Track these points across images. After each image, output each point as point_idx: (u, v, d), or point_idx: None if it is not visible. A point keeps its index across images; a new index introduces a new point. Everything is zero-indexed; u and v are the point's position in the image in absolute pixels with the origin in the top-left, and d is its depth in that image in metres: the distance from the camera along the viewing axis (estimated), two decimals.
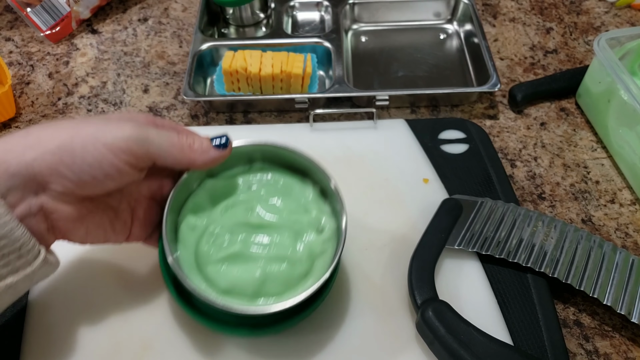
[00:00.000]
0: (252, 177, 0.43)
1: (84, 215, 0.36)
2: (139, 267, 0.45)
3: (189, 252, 0.39)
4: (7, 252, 0.32)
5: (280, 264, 0.38)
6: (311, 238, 0.40)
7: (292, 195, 0.42)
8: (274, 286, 0.37)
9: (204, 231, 0.40)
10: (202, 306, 0.38)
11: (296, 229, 0.40)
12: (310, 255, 0.39)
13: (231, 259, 0.38)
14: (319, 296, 0.39)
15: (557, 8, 0.71)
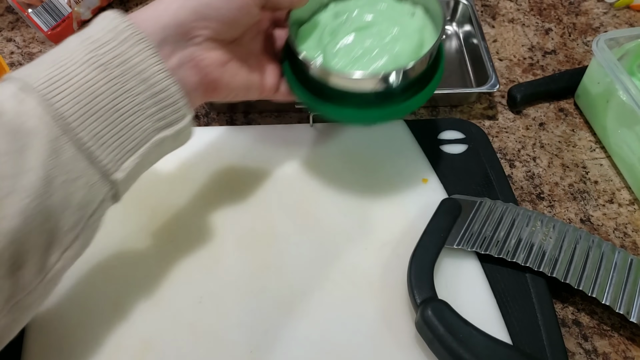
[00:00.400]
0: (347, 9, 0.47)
1: (228, 59, 0.40)
2: (140, 266, 0.45)
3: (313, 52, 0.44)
4: (164, 106, 0.34)
5: (396, 43, 0.43)
6: (413, 19, 0.45)
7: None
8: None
9: (321, 42, 0.45)
10: (330, 92, 0.42)
11: (396, 19, 0.45)
12: (419, 30, 0.44)
13: (349, 51, 0.43)
14: (434, 74, 0.44)
15: (556, 9, 0.71)
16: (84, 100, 0.31)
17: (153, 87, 0.34)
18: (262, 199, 0.49)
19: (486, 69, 0.59)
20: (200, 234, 0.47)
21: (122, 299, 0.43)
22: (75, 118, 0.31)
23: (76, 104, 0.31)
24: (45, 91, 0.30)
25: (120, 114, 0.33)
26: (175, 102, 0.35)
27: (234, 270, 0.45)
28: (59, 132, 0.30)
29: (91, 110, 0.31)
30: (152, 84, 0.34)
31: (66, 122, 0.30)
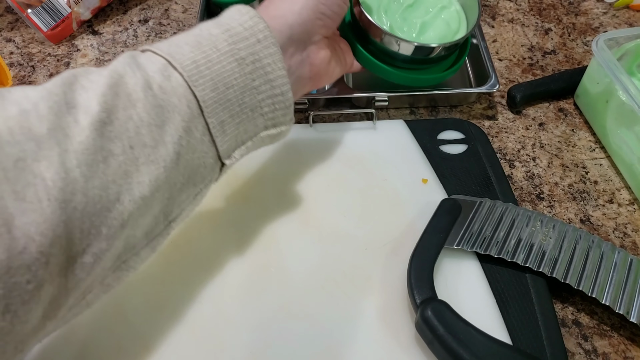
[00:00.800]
0: None
1: (331, 55, 0.44)
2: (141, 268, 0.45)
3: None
4: (277, 108, 0.38)
5: (440, 25, 0.53)
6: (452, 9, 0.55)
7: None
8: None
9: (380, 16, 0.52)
10: (388, 54, 0.51)
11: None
12: (458, 18, 0.54)
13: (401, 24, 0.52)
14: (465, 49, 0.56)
15: (556, 9, 0.71)
16: (219, 89, 0.34)
17: (274, 89, 0.37)
18: (262, 200, 0.49)
19: (486, 69, 0.59)
20: (200, 236, 0.47)
21: (123, 300, 0.43)
22: (209, 104, 0.33)
23: (213, 90, 0.33)
24: (189, 73, 0.33)
25: (242, 108, 0.35)
26: (288, 107, 0.38)
27: (234, 271, 0.45)
28: (195, 114, 0.33)
29: (222, 99, 0.34)
30: (274, 86, 0.37)
31: (201, 106, 0.33)
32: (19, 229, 0.25)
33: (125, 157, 0.29)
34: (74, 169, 0.27)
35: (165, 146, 0.31)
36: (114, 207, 0.29)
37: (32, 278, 0.26)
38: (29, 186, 0.26)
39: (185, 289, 0.44)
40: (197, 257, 0.46)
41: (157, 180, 0.31)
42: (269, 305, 0.43)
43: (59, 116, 0.28)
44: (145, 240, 0.33)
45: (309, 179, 0.51)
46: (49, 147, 0.27)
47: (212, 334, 0.42)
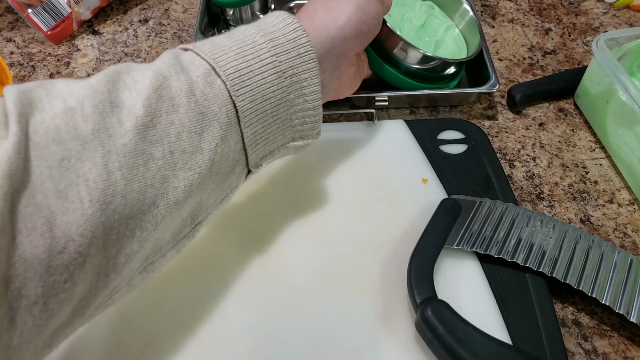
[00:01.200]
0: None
1: (357, 70, 0.46)
2: None
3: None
4: (307, 122, 0.38)
5: (451, 43, 0.59)
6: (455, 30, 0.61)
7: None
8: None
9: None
10: (402, 64, 0.55)
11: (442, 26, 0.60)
12: (461, 38, 0.60)
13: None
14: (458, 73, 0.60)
15: (556, 9, 0.71)
16: (257, 100, 0.34)
17: (306, 103, 0.37)
18: (262, 199, 0.49)
19: (486, 68, 0.59)
20: (200, 234, 0.47)
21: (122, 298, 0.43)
22: (247, 114, 0.34)
23: (251, 101, 0.34)
24: (232, 82, 0.33)
25: (274, 120, 0.36)
26: (317, 122, 0.39)
27: (234, 270, 0.45)
28: (233, 123, 0.33)
29: (258, 110, 0.34)
30: (307, 100, 0.37)
31: (239, 116, 0.33)
32: (60, 228, 0.25)
33: (164, 161, 0.30)
34: (115, 171, 0.28)
35: (202, 153, 0.32)
36: (150, 210, 0.30)
37: (69, 277, 0.26)
38: (72, 186, 0.26)
39: (186, 288, 0.44)
40: (198, 256, 0.46)
41: (191, 186, 0.31)
42: (269, 305, 0.43)
43: (103, 116, 0.28)
44: (172, 242, 0.34)
45: (309, 179, 0.51)
46: (93, 147, 0.27)
47: (212, 333, 0.42)
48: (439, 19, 0.61)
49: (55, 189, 0.26)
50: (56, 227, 0.25)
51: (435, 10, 0.62)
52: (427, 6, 0.62)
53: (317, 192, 0.50)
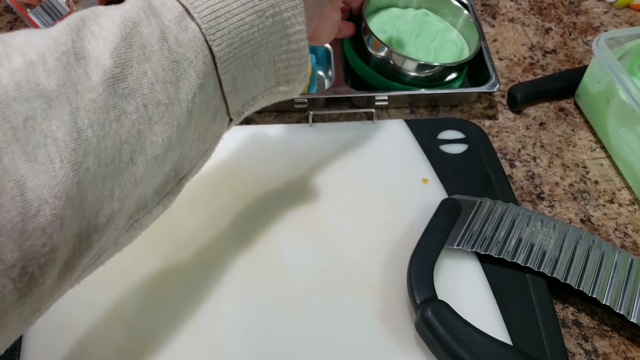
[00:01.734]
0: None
1: (338, 20, 0.44)
2: (138, 267, 0.45)
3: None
4: (292, 65, 0.36)
5: (450, 47, 0.60)
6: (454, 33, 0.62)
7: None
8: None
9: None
10: (388, 68, 0.57)
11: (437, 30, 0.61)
12: (460, 39, 0.61)
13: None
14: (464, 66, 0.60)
15: (556, 8, 0.71)
16: (235, 44, 0.32)
17: (290, 44, 0.35)
18: (261, 199, 0.49)
19: (486, 68, 0.59)
20: (198, 235, 0.47)
21: (121, 300, 0.43)
22: (224, 60, 0.32)
23: (228, 45, 0.31)
24: (207, 25, 0.31)
25: (255, 64, 0.34)
26: (303, 64, 0.36)
27: (233, 270, 0.45)
28: (209, 70, 0.31)
29: (237, 54, 0.32)
30: (291, 41, 0.34)
31: (217, 62, 0.31)
32: (32, 191, 0.24)
33: (138, 115, 0.28)
34: (86, 129, 0.26)
35: (180, 105, 0.30)
36: (127, 168, 0.28)
37: (47, 241, 0.25)
38: (40, 147, 0.25)
39: (184, 289, 0.44)
40: (196, 257, 0.45)
41: (170, 140, 0.30)
42: (268, 305, 0.43)
43: (68, 70, 0.27)
44: (157, 198, 0.32)
45: (309, 179, 0.51)
46: (60, 104, 0.26)
47: (210, 334, 0.41)
48: (435, 25, 0.61)
49: (23, 151, 0.24)
50: (27, 190, 0.24)
51: (429, 16, 0.63)
52: (421, 14, 0.62)
53: (317, 192, 0.50)
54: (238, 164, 0.52)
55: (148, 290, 0.44)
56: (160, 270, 0.45)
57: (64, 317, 0.42)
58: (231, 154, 0.52)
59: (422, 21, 0.61)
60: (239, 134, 0.54)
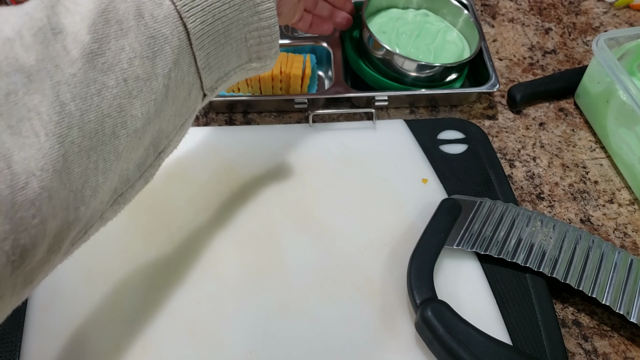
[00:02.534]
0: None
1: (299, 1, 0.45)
2: (138, 267, 0.45)
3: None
4: (263, 41, 0.37)
5: (450, 47, 0.60)
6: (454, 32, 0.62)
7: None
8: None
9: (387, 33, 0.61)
10: (388, 69, 0.58)
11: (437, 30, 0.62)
12: (460, 39, 0.61)
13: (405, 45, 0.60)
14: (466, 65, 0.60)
15: (556, 8, 0.71)
16: (208, 20, 0.33)
17: (261, 21, 0.36)
18: (262, 199, 0.49)
19: (486, 68, 0.59)
20: (198, 235, 0.47)
21: (121, 300, 0.43)
22: (198, 36, 0.32)
23: (202, 22, 0.32)
24: (181, 2, 0.31)
25: (227, 40, 0.34)
26: (274, 40, 0.37)
27: (233, 271, 0.45)
28: (184, 46, 0.32)
29: (210, 30, 0.33)
30: (262, 18, 0.35)
31: (190, 37, 0.32)
32: (18, 164, 0.25)
33: (119, 89, 0.29)
34: (68, 102, 0.27)
35: (157, 79, 0.31)
36: (110, 141, 0.29)
37: (36, 213, 0.26)
38: (24, 120, 0.25)
39: (184, 289, 0.44)
40: (196, 257, 0.45)
41: (149, 114, 0.31)
42: (267, 306, 0.43)
43: (46, 45, 0.27)
44: (139, 172, 0.33)
45: (309, 179, 0.51)
46: (40, 79, 0.26)
47: (210, 334, 0.41)
48: (435, 25, 0.62)
49: (7, 125, 0.25)
50: (14, 163, 0.25)
51: (430, 17, 0.63)
52: (421, 15, 0.62)
53: (317, 192, 0.50)
54: (238, 164, 0.52)
55: (148, 290, 0.44)
56: (160, 270, 0.45)
57: (63, 317, 0.42)
58: (231, 154, 0.52)
59: (422, 21, 0.62)
60: (239, 134, 0.54)
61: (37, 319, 0.42)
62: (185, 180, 0.50)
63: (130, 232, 0.47)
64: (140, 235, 0.47)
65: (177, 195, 0.49)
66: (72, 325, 0.42)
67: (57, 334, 0.41)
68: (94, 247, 0.45)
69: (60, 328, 0.41)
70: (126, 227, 0.47)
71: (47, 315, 0.42)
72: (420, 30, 0.60)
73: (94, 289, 0.44)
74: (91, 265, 0.45)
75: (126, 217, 0.47)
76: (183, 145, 0.38)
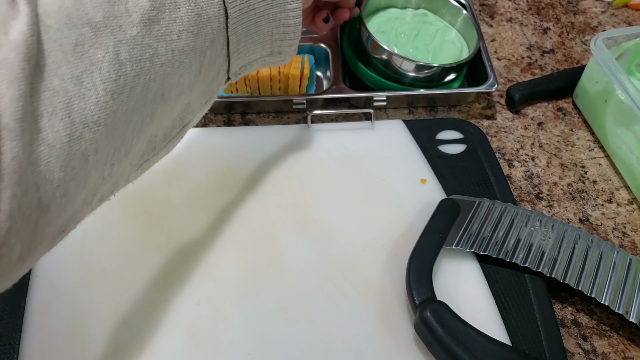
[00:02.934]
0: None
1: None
2: (137, 268, 0.45)
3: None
4: (285, 38, 0.39)
5: (449, 47, 0.59)
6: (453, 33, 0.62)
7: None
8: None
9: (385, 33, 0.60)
10: (386, 70, 0.57)
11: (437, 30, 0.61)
12: (459, 39, 0.61)
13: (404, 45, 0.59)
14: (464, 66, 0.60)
15: (554, 8, 0.71)
16: (244, 9, 0.35)
17: (288, 19, 0.38)
18: (260, 200, 0.49)
19: (485, 68, 0.59)
20: (197, 236, 0.47)
21: (120, 301, 0.43)
22: (235, 22, 0.35)
23: (240, 9, 0.35)
24: None
25: (257, 31, 0.37)
26: (296, 38, 0.40)
27: (232, 272, 0.45)
28: (222, 28, 0.34)
29: (244, 19, 0.35)
30: (290, 16, 0.38)
31: (228, 23, 0.34)
32: (77, 113, 0.26)
33: (166, 58, 0.30)
34: (125, 62, 0.28)
35: (196, 55, 0.32)
36: (150, 105, 0.31)
37: (84, 163, 0.27)
38: (87, 73, 0.27)
39: (183, 291, 0.44)
40: (195, 259, 0.45)
41: (183, 86, 0.33)
42: (266, 307, 0.43)
43: (112, 4, 0.28)
44: (164, 142, 0.35)
45: (307, 180, 0.51)
46: (105, 35, 0.28)
47: (209, 336, 0.41)
48: (434, 25, 0.61)
49: (72, 74, 0.26)
50: (74, 112, 0.26)
51: (429, 16, 0.63)
52: (420, 14, 0.62)
53: (315, 193, 0.50)
54: (236, 165, 0.51)
55: (147, 292, 0.44)
56: (159, 271, 0.45)
57: (62, 319, 0.42)
58: (230, 155, 0.52)
59: (421, 21, 0.61)
60: (237, 135, 0.54)
61: (35, 320, 0.42)
62: (184, 181, 0.50)
63: (128, 234, 0.47)
64: (138, 237, 0.47)
65: (176, 196, 0.49)
66: (71, 327, 0.42)
67: (56, 336, 0.41)
68: (93, 249, 0.46)
69: (58, 330, 0.41)
70: (125, 228, 0.47)
71: (46, 317, 0.42)
72: (419, 30, 0.60)
73: (93, 291, 0.44)
74: (90, 267, 0.45)
75: (125, 218, 0.47)
76: (181, 146, 0.39)
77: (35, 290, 0.43)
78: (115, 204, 0.48)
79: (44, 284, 0.44)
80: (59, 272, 0.44)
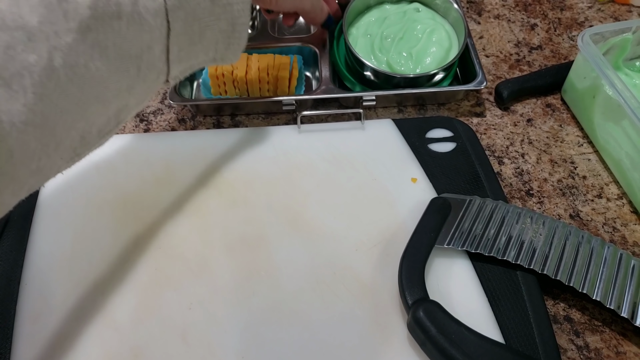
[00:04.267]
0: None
1: None
2: (128, 273, 0.44)
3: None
4: (232, 49, 0.40)
5: (435, 49, 0.58)
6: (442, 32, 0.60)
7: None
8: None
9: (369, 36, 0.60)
10: (370, 79, 0.57)
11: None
12: (448, 37, 0.59)
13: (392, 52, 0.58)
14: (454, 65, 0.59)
15: (541, 4, 0.71)
16: (188, 22, 0.35)
17: (235, 32, 0.39)
18: (251, 202, 0.49)
19: (473, 65, 0.59)
20: (188, 239, 0.47)
21: (111, 307, 0.43)
22: (177, 34, 0.35)
23: (184, 22, 0.35)
24: (171, 2, 0.34)
25: (200, 40, 0.37)
26: (240, 48, 0.41)
27: (224, 275, 0.45)
28: (162, 38, 0.34)
29: (187, 31, 0.36)
30: (236, 30, 0.39)
31: (169, 34, 0.34)
32: (5, 114, 0.27)
33: (102, 64, 0.31)
34: (59, 68, 0.29)
35: (134, 60, 0.33)
36: (84, 106, 0.31)
37: (9, 158, 0.28)
38: (16, 76, 0.27)
39: (174, 294, 0.43)
40: (187, 263, 0.45)
41: (120, 89, 0.33)
42: (259, 309, 0.43)
43: (50, 9, 0.28)
44: (98, 137, 0.35)
45: (298, 180, 0.50)
46: (40, 40, 0.28)
47: (202, 339, 0.41)
48: (423, 24, 0.60)
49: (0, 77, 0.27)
50: (1, 112, 0.27)
51: (420, 13, 0.62)
52: (412, 10, 0.62)
53: (306, 194, 0.50)
54: (226, 167, 0.51)
55: (138, 297, 0.43)
56: (150, 276, 0.44)
57: (53, 327, 0.42)
58: (219, 157, 0.52)
59: (410, 20, 0.61)
60: (226, 137, 0.54)
61: (25, 329, 0.41)
62: (173, 185, 0.50)
63: (118, 239, 0.46)
64: (129, 241, 0.46)
65: (165, 199, 0.49)
66: (62, 335, 0.41)
67: (47, 345, 0.41)
68: (83, 255, 0.45)
69: (49, 338, 0.41)
70: (114, 233, 0.47)
71: (36, 326, 0.42)
72: (404, 33, 0.59)
73: (83, 298, 0.43)
74: (80, 273, 0.44)
75: (114, 223, 0.47)
76: (171, 149, 0.39)
77: (25, 298, 0.43)
78: (105, 208, 0.48)
79: (34, 292, 0.43)
80: (49, 279, 0.44)
